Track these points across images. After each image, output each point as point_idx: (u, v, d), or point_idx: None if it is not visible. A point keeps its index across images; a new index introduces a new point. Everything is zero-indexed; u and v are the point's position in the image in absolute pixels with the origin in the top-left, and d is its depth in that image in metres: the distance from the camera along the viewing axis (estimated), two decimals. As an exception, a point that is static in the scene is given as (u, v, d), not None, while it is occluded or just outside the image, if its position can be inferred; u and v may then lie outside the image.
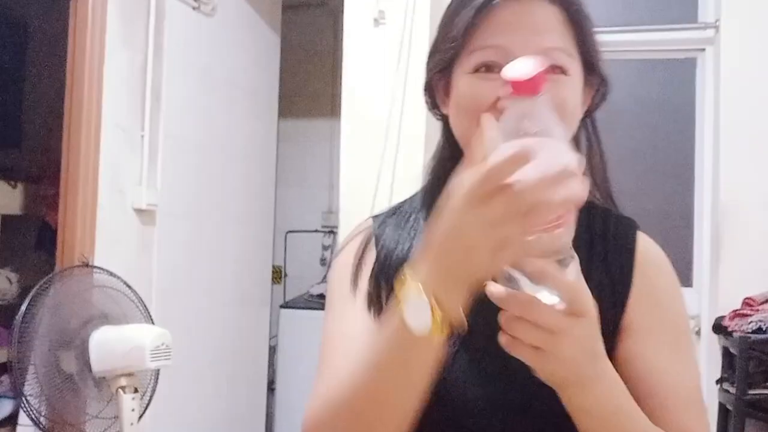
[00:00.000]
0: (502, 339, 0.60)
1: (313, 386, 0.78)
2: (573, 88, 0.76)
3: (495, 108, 0.71)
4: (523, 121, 0.56)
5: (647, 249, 0.83)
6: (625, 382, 0.71)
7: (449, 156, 0.83)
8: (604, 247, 0.81)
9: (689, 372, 0.78)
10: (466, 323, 0.62)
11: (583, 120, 0.83)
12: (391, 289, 0.78)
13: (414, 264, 0.62)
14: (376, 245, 0.84)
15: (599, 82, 0.82)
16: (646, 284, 0.80)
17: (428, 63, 0.82)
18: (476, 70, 0.74)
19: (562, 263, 0.59)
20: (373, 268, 0.83)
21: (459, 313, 0.61)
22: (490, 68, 0.73)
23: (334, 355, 0.78)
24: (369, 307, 0.81)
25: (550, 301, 0.58)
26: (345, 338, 0.79)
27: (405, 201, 0.90)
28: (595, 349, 0.62)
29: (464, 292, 0.60)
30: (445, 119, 0.84)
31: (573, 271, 0.60)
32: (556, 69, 0.73)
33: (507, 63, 0.68)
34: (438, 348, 0.62)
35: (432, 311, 0.59)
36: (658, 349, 0.77)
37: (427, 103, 0.86)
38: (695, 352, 0.82)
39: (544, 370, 0.61)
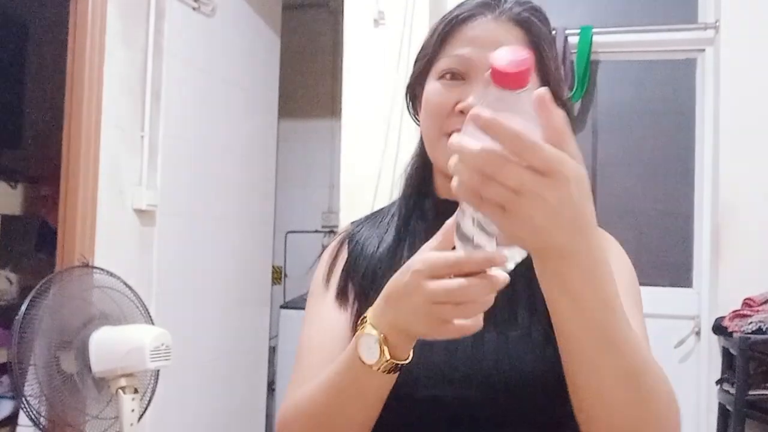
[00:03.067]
0: (457, 187, 0.54)
1: (288, 386, 0.85)
2: None
3: (453, 112, 0.82)
4: (503, 114, 0.52)
5: (602, 236, 0.89)
6: None
7: (424, 160, 0.92)
8: None
9: (638, 327, 0.81)
10: (410, 359, 0.68)
11: None
12: (358, 285, 0.87)
13: (374, 306, 0.68)
14: (349, 245, 0.92)
15: (560, 106, 0.86)
16: None
17: (412, 72, 0.93)
18: (442, 76, 0.84)
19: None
20: (344, 267, 0.90)
21: (405, 353, 0.68)
22: (454, 76, 0.84)
23: (304, 357, 0.86)
24: (337, 301, 0.88)
25: None
26: (314, 340, 0.87)
27: (386, 206, 0.98)
28: (576, 220, 0.54)
29: (409, 339, 0.67)
30: None
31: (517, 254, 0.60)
32: None
33: (467, 72, 0.81)
34: (387, 378, 0.69)
35: (380, 348, 0.66)
36: None
37: (407, 106, 0.96)
38: (643, 318, 0.84)
39: (513, 234, 0.55)
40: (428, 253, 0.63)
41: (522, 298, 0.82)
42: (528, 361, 0.78)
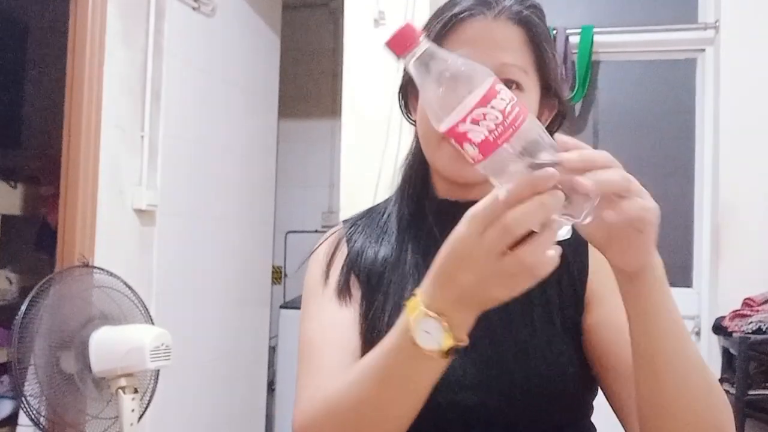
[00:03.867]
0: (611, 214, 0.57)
1: (297, 387, 0.81)
2: (526, 104, 0.80)
3: None
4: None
5: None
6: (599, 346, 0.78)
7: (420, 159, 0.89)
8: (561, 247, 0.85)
9: None
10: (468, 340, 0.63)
11: None
12: (364, 287, 0.85)
13: (426, 288, 0.62)
14: (347, 244, 0.90)
15: (557, 104, 0.87)
16: (600, 261, 0.84)
17: (403, 70, 0.88)
18: None
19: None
20: (343, 264, 0.88)
21: (465, 333, 0.62)
22: None
23: (315, 354, 0.82)
24: (340, 296, 0.85)
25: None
26: (325, 335, 0.83)
27: (378, 204, 0.96)
28: None
29: (473, 315, 0.61)
30: (417, 122, 0.90)
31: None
32: (513, 84, 0.79)
33: None
34: (442, 363, 0.63)
35: (443, 333, 0.60)
36: (620, 311, 0.79)
37: (400, 106, 0.93)
38: None
39: (644, 246, 0.60)
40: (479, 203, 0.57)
41: (538, 305, 0.82)
42: (546, 368, 0.78)
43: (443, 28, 0.80)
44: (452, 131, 0.57)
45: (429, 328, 0.60)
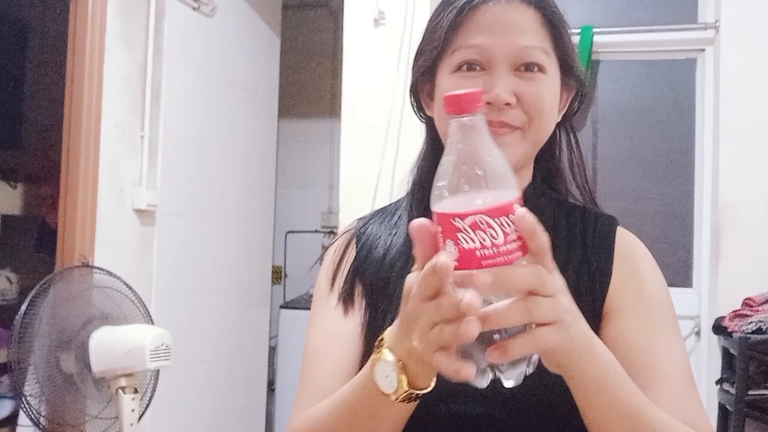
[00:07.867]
0: (516, 344, 0.54)
1: (296, 394, 0.82)
2: (550, 86, 0.79)
3: None
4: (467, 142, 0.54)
5: (626, 241, 0.85)
6: None
7: (432, 158, 0.86)
8: (583, 244, 0.84)
9: (678, 351, 0.78)
10: (431, 388, 0.62)
11: (562, 124, 0.86)
12: (369, 292, 0.82)
13: (392, 327, 0.62)
14: (357, 244, 0.87)
15: (576, 85, 0.84)
16: (625, 271, 0.82)
17: (414, 65, 0.85)
18: (458, 69, 0.78)
19: None
20: (350, 268, 0.85)
21: (426, 383, 0.61)
22: (471, 67, 0.77)
23: (312, 365, 0.82)
24: (343, 306, 0.83)
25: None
26: (322, 347, 0.82)
27: (392, 203, 0.93)
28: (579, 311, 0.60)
29: (432, 369, 0.59)
30: (429, 122, 0.87)
31: None
32: (535, 66, 0.77)
33: (486, 61, 0.75)
34: (406, 407, 0.63)
35: (398, 377, 0.60)
36: (644, 328, 0.78)
37: (412, 105, 0.89)
38: (680, 334, 0.81)
39: (567, 340, 0.56)
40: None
41: None
42: (554, 379, 0.76)
43: (457, 15, 0.77)
44: (445, 217, 0.53)
45: (386, 372, 0.61)
